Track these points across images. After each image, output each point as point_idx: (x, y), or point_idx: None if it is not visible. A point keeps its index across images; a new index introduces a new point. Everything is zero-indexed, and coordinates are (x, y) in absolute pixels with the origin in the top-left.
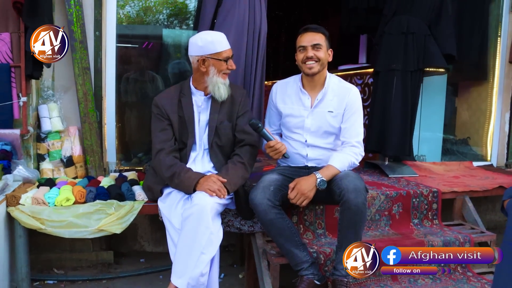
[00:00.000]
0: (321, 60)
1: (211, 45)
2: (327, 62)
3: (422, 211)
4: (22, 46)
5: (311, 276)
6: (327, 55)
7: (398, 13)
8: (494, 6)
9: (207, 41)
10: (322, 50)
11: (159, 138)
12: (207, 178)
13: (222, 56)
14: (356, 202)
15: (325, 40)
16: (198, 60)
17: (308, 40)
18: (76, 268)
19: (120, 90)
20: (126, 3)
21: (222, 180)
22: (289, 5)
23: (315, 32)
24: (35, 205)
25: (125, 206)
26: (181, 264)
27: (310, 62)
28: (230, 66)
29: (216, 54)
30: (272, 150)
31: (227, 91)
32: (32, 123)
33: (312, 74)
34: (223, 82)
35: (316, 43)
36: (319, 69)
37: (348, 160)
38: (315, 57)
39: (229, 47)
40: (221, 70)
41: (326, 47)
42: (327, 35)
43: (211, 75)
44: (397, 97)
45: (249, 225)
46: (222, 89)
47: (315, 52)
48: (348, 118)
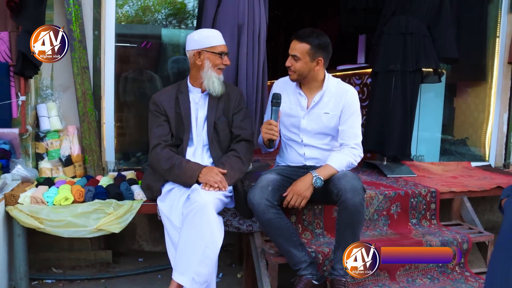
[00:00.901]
0: (297, 71)
1: (207, 39)
2: (313, 70)
3: (420, 211)
4: None
5: (310, 276)
6: (309, 66)
7: (397, 14)
8: (493, 7)
9: (203, 35)
10: (301, 61)
11: (156, 133)
12: (209, 170)
13: (217, 50)
14: (354, 202)
15: (308, 51)
16: (194, 54)
17: (290, 48)
18: (75, 267)
19: (119, 89)
20: (125, 3)
21: (222, 171)
22: (288, 5)
23: (298, 41)
24: (34, 204)
25: (123, 205)
26: (184, 261)
27: (289, 70)
28: (225, 62)
29: (211, 47)
30: (268, 128)
31: (222, 87)
32: (31, 122)
33: (292, 81)
34: (217, 76)
35: (294, 54)
36: (297, 78)
37: (346, 160)
38: (292, 67)
39: (224, 43)
40: (216, 65)
41: (308, 58)
42: (316, 43)
43: (206, 69)
44: (397, 98)
45: (247, 224)
46: (217, 83)
47: (293, 62)
48: (346, 120)
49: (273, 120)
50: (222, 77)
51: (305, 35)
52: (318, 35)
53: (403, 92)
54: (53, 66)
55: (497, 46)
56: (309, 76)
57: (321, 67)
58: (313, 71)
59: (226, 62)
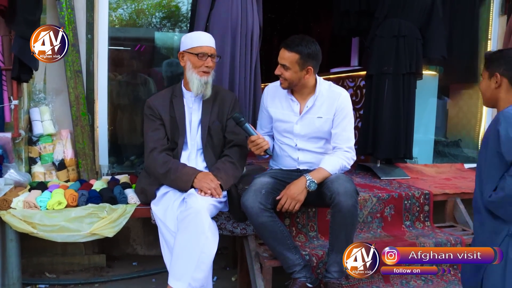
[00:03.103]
0: (288, 80)
1: (189, 40)
2: (303, 79)
3: (414, 213)
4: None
5: (304, 278)
6: (299, 75)
7: (390, 16)
8: (484, 10)
9: (187, 37)
10: (291, 70)
11: (152, 137)
12: (204, 175)
13: (196, 51)
14: (347, 204)
15: (298, 60)
16: (179, 55)
17: (280, 57)
18: (68, 272)
19: (112, 93)
20: (118, 6)
21: (217, 182)
22: (281, 8)
23: (287, 51)
24: (27, 208)
25: (117, 209)
26: (180, 266)
27: (280, 78)
28: (206, 63)
29: (191, 48)
30: (254, 145)
31: (204, 89)
32: (24, 126)
33: (284, 88)
34: (198, 78)
35: (283, 64)
36: (288, 86)
37: (339, 163)
38: (282, 76)
39: (208, 45)
40: (196, 66)
41: (298, 67)
42: (306, 53)
43: (187, 70)
44: (388, 100)
45: (241, 228)
46: (196, 85)
47: (282, 71)
48: (338, 124)
49: (252, 136)
50: (208, 79)
51: (294, 44)
52: (308, 44)
53: (396, 95)
54: (46, 70)
55: (489, 48)
56: (299, 84)
57: (311, 75)
58: (303, 79)
59: (207, 64)
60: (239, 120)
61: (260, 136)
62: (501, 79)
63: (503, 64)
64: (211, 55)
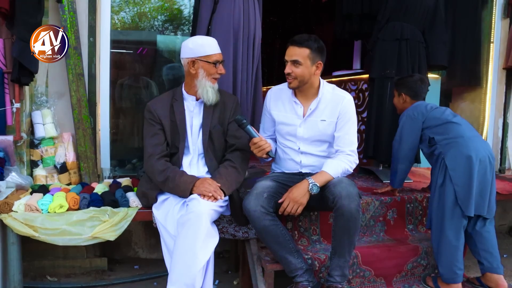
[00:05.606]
0: (299, 77)
1: (201, 48)
2: (313, 75)
3: (416, 217)
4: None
5: (306, 282)
6: (310, 71)
7: (392, 19)
8: (487, 13)
9: (198, 44)
10: (302, 66)
11: (150, 142)
12: (203, 181)
13: (211, 59)
14: (349, 208)
15: (309, 55)
16: (188, 62)
17: (289, 55)
18: (70, 275)
19: (115, 96)
20: (121, 9)
21: (216, 184)
22: (283, 11)
23: (297, 47)
24: (28, 212)
25: (119, 213)
26: (177, 270)
27: (289, 77)
28: (219, 71)
29: (206, 56)
30: (256, 147)
31: (216, 96)
32: (26, 129)
33: (292, 88)
34: (211, 86)
35: (295, 60)
36: (298, 85)
37: (342, 167)
38: (293, 73)
39: (219, 51)
40: (210, 74)
41: (309, 62)
42: (315, 47)
43: (200, 78)
44: (391, 103)
45: (243, 231)
46: (211, 92)
47: (293, 68)
48: (341, 127)
49: (255, 138)
50: (216, 85)
51: (303, 40)
52: (315, 39)
53: None
54: (48, 73)
55: (491, 51)
56: (308, 82)
57: (320, 71)
58: (314, 75)
59: (221, 71)
60: (241, 122)
61: (262, 138)
62: (405, 97)
63: (404, 87)
64: (222, 61)
